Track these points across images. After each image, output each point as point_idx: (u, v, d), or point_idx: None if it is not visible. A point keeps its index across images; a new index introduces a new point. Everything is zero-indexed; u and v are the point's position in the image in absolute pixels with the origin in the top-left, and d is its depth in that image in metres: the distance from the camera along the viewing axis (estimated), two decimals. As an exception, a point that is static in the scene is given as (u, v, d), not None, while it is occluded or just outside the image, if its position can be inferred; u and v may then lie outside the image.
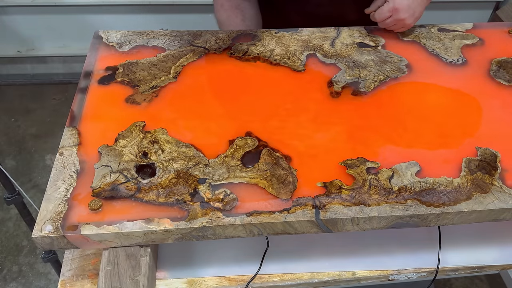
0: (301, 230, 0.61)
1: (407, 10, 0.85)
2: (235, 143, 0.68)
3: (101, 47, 0.85)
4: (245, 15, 0.95)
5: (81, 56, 2.13)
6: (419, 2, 0.86)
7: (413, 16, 0.87)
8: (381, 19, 0.87)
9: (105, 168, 0.63)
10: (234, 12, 0.95)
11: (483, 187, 0.63)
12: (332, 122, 0.72)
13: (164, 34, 0.88)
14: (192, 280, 0.68)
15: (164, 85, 0.77)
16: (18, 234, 1.62)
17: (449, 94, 0.78)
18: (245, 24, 0.95)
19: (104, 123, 0.70)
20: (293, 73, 0.81)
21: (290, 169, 0.65)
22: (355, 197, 0.61)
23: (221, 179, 0.63)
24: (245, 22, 0.95)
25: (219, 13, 0.97)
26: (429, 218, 0.61)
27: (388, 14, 0.86)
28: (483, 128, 0.72)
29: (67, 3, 1.94)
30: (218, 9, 0.97)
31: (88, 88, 0.76)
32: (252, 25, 0.96)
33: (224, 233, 0.60)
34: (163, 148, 0.67)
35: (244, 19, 0.95)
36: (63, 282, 0.66)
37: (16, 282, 1.49)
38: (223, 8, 0.96)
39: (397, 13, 0.85)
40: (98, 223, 0.57)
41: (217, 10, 0.97)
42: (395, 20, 0.86)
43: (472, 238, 0.75)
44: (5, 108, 2.09)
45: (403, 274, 0.71)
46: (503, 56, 0.87)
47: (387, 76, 0.81)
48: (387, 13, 0.86)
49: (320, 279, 0.69)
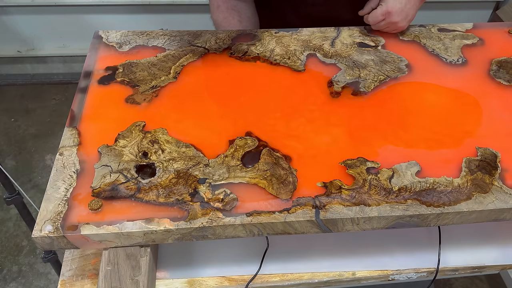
0: (301, 230, 0.61)
1: (400, 13, 0.85)
2: (235, 143, 0.68)
3: (101, 47, 0.85)
4: (242, 16, 0.95)
5: (81, 56, 2.13)
6: (412, 5, 0.86)
7: (406, 19, 0.87)
8: (374, 22, 0.88)
9: (105, 168, 0.63)
10: (231, 13, 0.95)
11: (483, 187, 0.63)
12: (332, 122, 0.72)
13: (164, 34, 0.88)
14: (192, 280, 0.68)
15: (164, 85, 0.77)
16: (18, 234, 1.62)
17: (449, 94, 0.78)
18: (242, 25, 0.95)
19: (104, 123, 0.70)
20: (293, 73, 0.81)
21: (290, 169, 0.65)
22: (355, 197, 0.61)
23: (221, 179, 0.63)
24: (242, 23, 0.95)
25: (215, 15, 0.97)
26: (429, 218, 0.61)
27: (381, 18, 0.86)
28: (483, 128, 0.72)
29: (67, 3, 1.94)
30: (214, 10, 0.96)
31: (88, 88, 0.76)
32: (249, 25, 0.96)
33: (224, 233, 0.60)
34: (163, 148, 0.67)
35: (241, 20, 0.95)
36: (63, 282, 0.66)
37: (16, 282, 1.49)
38: (220, 10, 0.96)
39: (390, 17, 0.85)
40: (98, 223, 0.57)
41: (213, 12, 0.97)
42: (388, 23, 0.87)
43: (472, 238, 0.75)
44: (5, 108, 2.09)
45: (403, 274, 0.71)
46: (503, 56, 0.87)
47: (387, 76, 0.81)
48: (380, 16, 0.86)
49: (320, 279, 0.69)
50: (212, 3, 0.97)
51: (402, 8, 0.85)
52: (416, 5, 0.87)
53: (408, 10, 0.86)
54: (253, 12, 0.98)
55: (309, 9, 0.97)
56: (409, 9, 0.86)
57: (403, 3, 0.85)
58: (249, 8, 0.97)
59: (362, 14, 0.91)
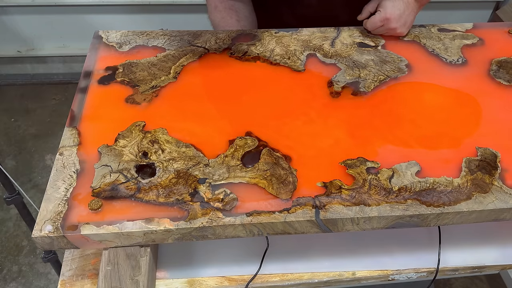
0: (301, 230, 0.61)
1: (399, 19, 0.85)
2: (235, 143, 0.68)
3: (101, 47, 0.85)
4: (240, 15, 0.95)
5: (81, 56, 2.13)
6: (410, 11, 0.86)
7: (405, 26, 0.87)
8: (373, 28, 0.88)
9: (105, 168, 0.63)
10: (229, 13, 0.94)
11: (483, 187, 0.63)
12: (332, 122, 0.72)
13: (164, 34, 0.88)
14: (192, 280, 0.68)
15: (164, 85, 0.77)
16: (18, 234, 1.62)
17: (449, 94, 0.78)
18: (240, 24, 0.94)
19: (104, 123, 0.70)
20: (293, 73, 0.81)
21: (290, 169, 0.65)
22: (355, 197, 0.61)
23: (221, 179, 0.63)
24: (240, 22, 0.94)
25: (213, 15, 0.96)
26: (429, 218, 0.61)
27: (379, 24, 0.86)
28: (483, 128, 0.72)
29: (67, 3, 1.94)
30: (212, 11, 0.96)
31: (88, 88, 0.76)
32: (247, 25, 0.96)
33: (224, 233, 0.60)
34: (163, 148, 0.67)
35: (239, 19, 0.95)
36: (63, 282, 0.66)
37: (16, 282, 1.49)
38: (217, 10, 0.95)
39: (389, 23, 0.85)
40: (98, 223, 0.57)
41: (211, 12, 0.96)
42: (387, 29, 0.87)
43: (472, 238, 0.75)
44: (5, 108, 2.09)
45: (403, 274, 0.71)
46: (503, 56, 0.87)
47: (387, 76, 0.81)
48: (379, 22, 0.86)
49: (320, 279, 0.69)
50: (209, 3, 0.96)
51: (400, 14, 0.85)
52: (414, 11, 0.87)
53: (407, 16, 0.86)
54: (250, 11, 0.98)
55: (305, 10, 0.97)
56: (407, 15, 0.86)
57: (401, 10, 0.85)
58: (247, 7, 0.97)
59: (360, 19, 0.91)
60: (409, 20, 0.87)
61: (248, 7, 0.97)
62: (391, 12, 0.84)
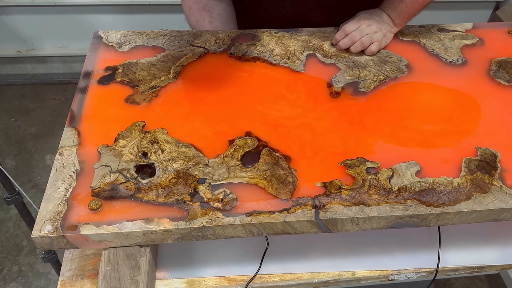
0: (301, 230, 0.61)
1: (360, 33, 0.85)
2: (234, 143, 0.68)
3: (101, 47, 0.85)
4: (213, 15, 0.94)
5: (81, 56, 2.14)
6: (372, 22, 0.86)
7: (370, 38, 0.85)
8: (346, 47, 0.86)
9: (105, 168, 0.63)
10: (202, 15, 0.94)
11: (483, 187, 0.63)
12: (332, 122, 0.72)
13: (164, 34, 0.88)
14: (192, 280, 0.68)
15: (164, 85, 0.77)
16: (18, 234, 1.62)
17: (448, 94, 0.78)
18: (213, 25, 0.94)
19: (104, 123, 0.70)
20: (293, 73, 0.81)
21: (290, 169, 0.64)
22: (355, 197, 0.61)
23: (220, 179, 0.63)
24: (212, 23, 0.94)
25: (189, 18, 0.96)
26: (429, 218, 0.61)
27: (349, 42, 0.85)
28: (482, 128, 0.72)
29: (67, 3, 1.94)
30: (187, 13, 0.96)
31: (88, 88, 0.76)
32: (221, 24, 0.95)
33: (224, 233, 0.60)
34: (162, 148, 0.67)
35: (212, 20, 0.94)
36: (63, 282, 0.66)
37: (16, 282, 1.49)
38: (191, 12, 0.95)
39: (354, 38, 0.85)
40: (97, 223, 0.57)
41: (187, 15, 0.96)
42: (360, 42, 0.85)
43: (472, 238, 0.75)
44: (5, 108, 2.09)
45: (403, 274, 0.71)
46: (503, 56, 0.87)
47: (386, 76, 0.81)
48: (347, 40, 0.85)
49: (320, 279, 0.69)
50: (184, 5, 0.96)
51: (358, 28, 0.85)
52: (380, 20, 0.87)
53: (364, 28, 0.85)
54: (224, 8, 0.96)
55: (280, 12, 0.96)
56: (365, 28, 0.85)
57: (357, 24, 0.85)
58: (221, 4, 0.95)
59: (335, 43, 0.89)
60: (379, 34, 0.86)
61: (221, 4, 0.96)
62: (348, 29, 0.85)
